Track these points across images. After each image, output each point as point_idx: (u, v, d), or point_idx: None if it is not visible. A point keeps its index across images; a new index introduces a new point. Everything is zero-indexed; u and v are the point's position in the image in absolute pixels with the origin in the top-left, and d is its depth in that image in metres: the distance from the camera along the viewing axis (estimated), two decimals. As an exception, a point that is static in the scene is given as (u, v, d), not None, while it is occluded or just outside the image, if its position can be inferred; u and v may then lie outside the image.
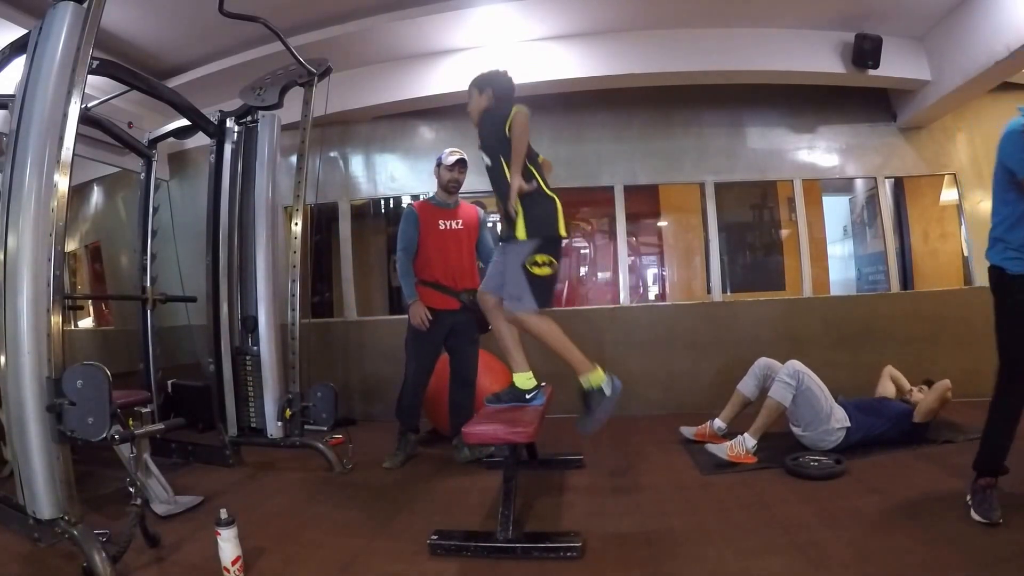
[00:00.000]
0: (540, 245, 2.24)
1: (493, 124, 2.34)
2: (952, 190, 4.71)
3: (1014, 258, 2.07)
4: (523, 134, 2.22)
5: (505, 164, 2.27)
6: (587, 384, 2.24)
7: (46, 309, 1.94)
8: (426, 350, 3.22)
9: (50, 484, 1.91)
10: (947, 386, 3.02)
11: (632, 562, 1.95)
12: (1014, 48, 3.40)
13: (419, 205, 3.33)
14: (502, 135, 2.26)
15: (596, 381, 2.23)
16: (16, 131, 2.02)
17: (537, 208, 2.27)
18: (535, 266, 2.22)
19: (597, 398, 2.22)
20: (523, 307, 2.23)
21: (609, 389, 2.22)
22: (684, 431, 3.39)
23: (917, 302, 4.53)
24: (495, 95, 2.44)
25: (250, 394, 3.35)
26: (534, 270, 2.22)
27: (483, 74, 2.51)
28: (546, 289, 2.27)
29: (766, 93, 4.52)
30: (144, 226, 3.84)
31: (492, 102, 2.43)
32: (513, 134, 2.22)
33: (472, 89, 2.50)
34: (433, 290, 3.19)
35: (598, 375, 2.24)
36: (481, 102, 2.46)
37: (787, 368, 3.00)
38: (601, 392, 2.22)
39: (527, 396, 2.46)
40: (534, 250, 2.23)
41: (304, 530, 2.34)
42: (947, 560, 1.80)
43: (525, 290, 2.22)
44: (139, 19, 3.69)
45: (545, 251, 2.25)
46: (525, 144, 2.23)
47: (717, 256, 4.63)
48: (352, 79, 4.23)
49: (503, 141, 2.26)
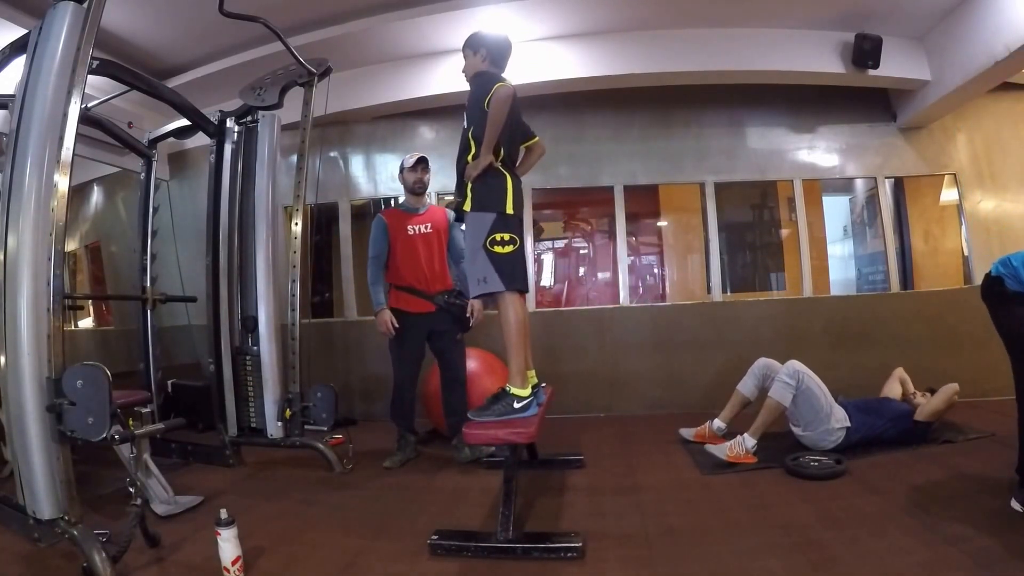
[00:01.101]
0: (495, 223, 2.23)
1: (477, 91, 2.32)
2: (952, 190, 4.71)
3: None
4: (499, 113, 2.20)
5: (471, 136, 2.30)
6: (508, 388, 2.24)
7: (46, 309, 1.94)
8: (408, 352, 3.25)
9: (50, 484, 1.92)
10: (955, 390, 3.03)
11: (632, 562, 1.95)
12: (1014, 48, 3.40)
13: (387, 212, 3.40)
14: (482, 106, 2.25)
15: (517, 391, 2.23)
16: (16, 131, 2.02)
17: (486, 184, 2.27)
18: (496, 245, 2.21)
19: (505, 403, 2.21)
20: (490, 288, 2.22)
21: (521, 408, 2.21)
22: (683, 433, 3.39)
23: (917, 302, 4.53)
24: (488, 57, 2.41)
25: (250, 394, 3.35)
26: (495, 249, 2.21)
27: (478, 34, 2.47)
28: (512, 267, 2.24)
29: (766, 93, 4.52)
30: (144, 226, 3.84)
31: (485, 64, 2.41)
32: (490, 112, 2.20)
33: (466, 49, 2.47)
34: (408, 294, 3.23)
35: (524, 391, 2.24)
36: (475, 63, 2.44)
37: (787, 368, 3.00)
38: (511, 402, 2.21)
39: (516, 406, 2.25)
40: (491, 229, 2.22)
41: (304, 530, 2.34)
42: (947, 560, 1.80)
43: (490, 270, 2.21)
44: (139, 19, 3.69)
45: (503, 229, 2.23)
46: (499, 124, 2.22)
47: (717, 256, 4.63)
48: (352, 79, 4.23)
49: (481, 112, 2.25)
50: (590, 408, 4.36)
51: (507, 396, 2.25)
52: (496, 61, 2.43)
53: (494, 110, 2.20)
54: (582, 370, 4.36)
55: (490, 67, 2.42)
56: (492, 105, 2.20)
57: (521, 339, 2.26)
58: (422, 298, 3.22)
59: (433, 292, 3.23)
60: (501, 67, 2.45)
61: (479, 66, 2.42)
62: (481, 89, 2.29)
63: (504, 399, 2.25)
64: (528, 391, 2.27)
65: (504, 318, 2.26)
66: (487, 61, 2.42)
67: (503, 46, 2.45)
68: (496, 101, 2.20)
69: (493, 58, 2.42)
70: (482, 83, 2.32)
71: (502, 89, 2.21)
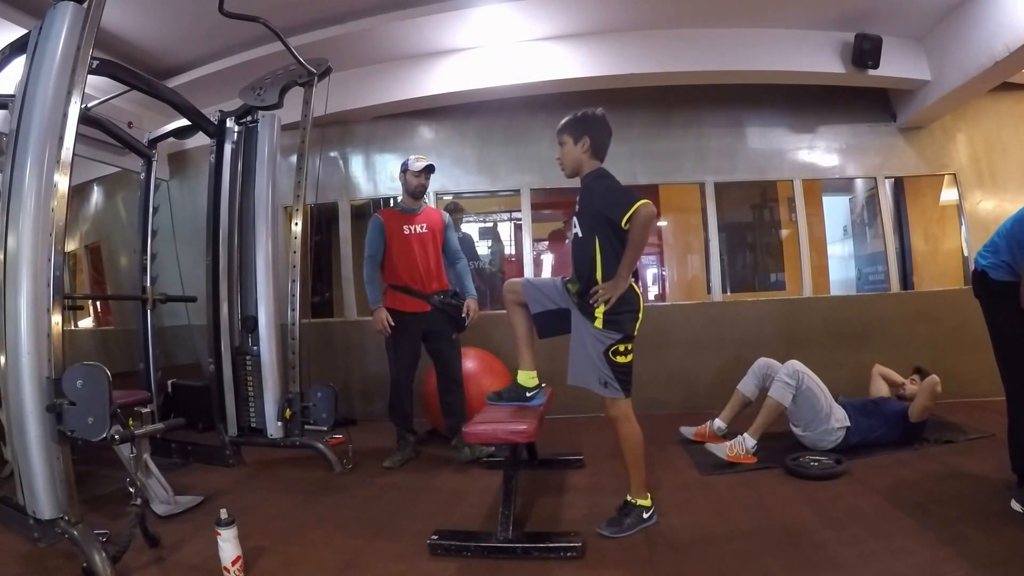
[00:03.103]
0: (623, 339, 2.19)
1: (595, 196, 2.17)
2: (952, 190, 4.71)
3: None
4: (643, 239, 2.08)
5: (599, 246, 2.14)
6: (632, 500, 2.24)
7: (46, 309, 1.94)
8: (404, 351, 3.25)
9: (50, 484, 1.92)
10: (935, 382, 3.00)
11: (632, 562, 1.95)
12: (1014, 48, 3.40)
13: (384, 212, 3.41)
14: (603, 214, 2.11)
15: (643, 503, 2.23)
16: (16, 131, 2.02)
17: (625, 307, 2.16)
18: (619, 355, 2.18)
19: (635, 516, 2.21)
20: (610, 393, 2.19)
21: (648, 517, 2.22)
22: (684, 431, 3.39)
23: (917, 302, 4.53)
24: (591, 147, 2.20)
25: (250, 394, 3.35)
26: (617, 359, 2.18)
27: (577, 118, 2.22)
28: (629, 375, 2.23)
29: (766, 93, 4.52)
30: (144, 226, 3.84)
31: (588, 155, 2.20)
32: (632, 235, 2.06)
33: (564, 136, 2.23)
34: (403, 294, 3.23)
35: (647, 500, 2.24)
36: (575, 153, 2.21)
37: (787, 368, 3.00)
38: (640, 513, 2.22)
39: (528, 395, 2.40)
40: (617, 342, 2.18)
41: (304, 530, 2.33)
42: (947, 560, 1.80)
43: (611, 378, 2.18)
44: (139, 19, 3.69)
45: (627, 341, 2.20)
46: (642, 248, 2.11)
47: (717, 256, 4.63)
48: (352, 79, 4.23)
49: (602, 221, 2.12)
50: (590, 408, 4.34)
51: (636, 508, 2.22)
52: (599, 151, 2.22)
53: (639, 234, 2.05)
54: (582, 370, 4.34)
55: (593, 159, 2.22)
56: (638, 229, 2.04)
57: (642, 453, 2.25)
58: (418, 298, 3.22)
59: (429, 292, 3.23)
60: (602, 158, 2.24)
61: (581, 159, 2.21)
62: (617, 204, 2.07)
63: (633, 512, 2.21)
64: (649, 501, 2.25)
65: (628, 432, 2.22)
66: (589, 152, 2.20)
67: (606, 133, 2.23)
68: (643, 225, 2.04)
69: (596, 148, 2.21)
70: (617, 196, 2.11)
71: (645, 209, 2.02)
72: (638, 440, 2.24)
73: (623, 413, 2.22)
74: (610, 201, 2.11)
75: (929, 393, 2.99)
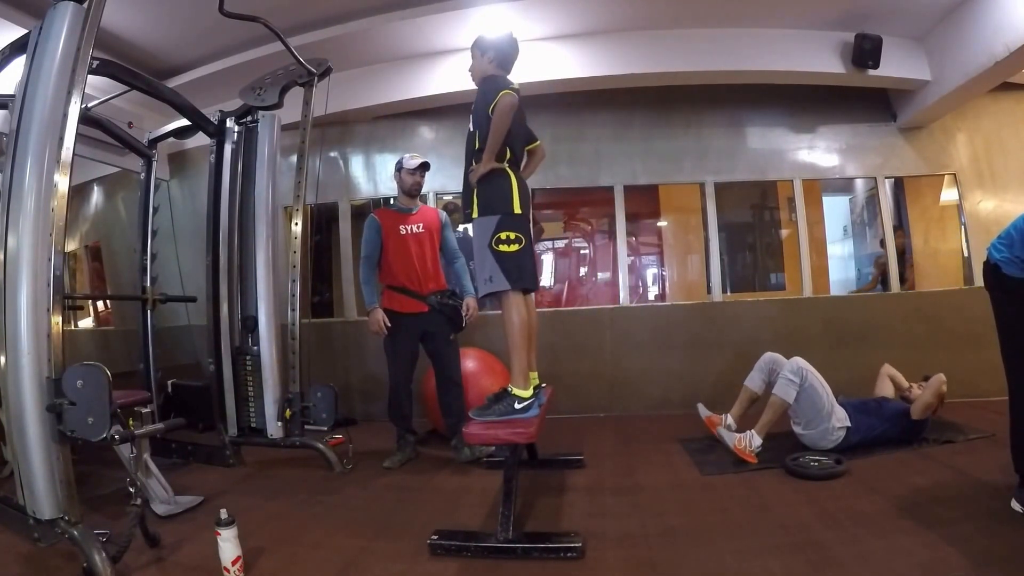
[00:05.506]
0: (501, 222, 2.25)
1: (483, 96, 2.35)
2: (952, 190, 4.71)
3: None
4: (502, 120, 2.23)
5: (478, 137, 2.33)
6: (509, 389, 2.25)
7: (46, 309, 1.94)
8: (402, 352, 3.25)
9: (50, 484, 1.91)
10: (942, 380, 3.00)
11: (632, 562, 1.95)
12: (1014, 48, 3.40)
13: (380, 212, 3.40)
14: (487, 112, 2.27)
15: (519, 392, 2.24)
16: (16, 131, 2.01)
17: (491, 186, 2.29)
18: (501, 244, 2.23)
19: (506, 404, 2.21)
20: (495, 286, 2.23)
21: (523, 409, 2.22)
22: (700, 408, 3.35)
23: (917, 302, 4.53)
24: (496, 59, 2.42)
25: (250, 394, 3.35)
26: (500, 248, 2.23)
27: (486, 37, 2.48)
28: (517, 266, 2.26)
29: (766, 93, 4.52)
30: (144, 226, 3.84)
31: (493, 67, 2.42)
32: (493, 120, 2.24)
33: (474, 50, 2.48)
34: (400, 294, 3.23)
35: (526, 392, 2.25)
36: (482, 64, 2.45)
37: (791, 365, 3.00)
38: (512, 402, 2.22)
39: (517, 407, 2.24)
40: (496, 228, 2.24)
41: (304, 530, 2.34)
42: (947, 560, 1.79)
43: (495, 270, 2.23)
44: (139, 19, 3.68)
45: (508, 227, 2.25)
46: (502, 130, 2.25)
47: (717, 256, 4.62)
48: (352, 79, 4.22)
49: (486, 117, 2.28)
50: (590, 408, 4.35)
51: (508, 396, 2.25)
52: (503, 64, 2.44)
53: (497, 118, 2.23)
54: (582, 370, 4.35)
55: (497, 70, 2.42)
56: (496, 113, 2.23)
57: (523, 340, 2.26)
58: (415, 298, 3.22)
59: (426, 292, 3.23)
60: (508, 69, 2.46)
61: (486, 69, 2.43)
62: (487, 95, 2.30)
63: (505, 399, 2.25)
64: (530, 392, 2.27)
65: (507, 317, 2.27)
66: (494, 63, 2.42)
67: (510, 49, 2.46)
68: (500, 110, 2.23)
69: (500, 61, 2.43)
70: (488, 89, 2.33)
71: (506, 97, 2.23)
72: (523, 323, 2.25)
73: (509, 301, 2.25)
74: (482, 93, 2.35)
75: (935, 390, 2.99)
